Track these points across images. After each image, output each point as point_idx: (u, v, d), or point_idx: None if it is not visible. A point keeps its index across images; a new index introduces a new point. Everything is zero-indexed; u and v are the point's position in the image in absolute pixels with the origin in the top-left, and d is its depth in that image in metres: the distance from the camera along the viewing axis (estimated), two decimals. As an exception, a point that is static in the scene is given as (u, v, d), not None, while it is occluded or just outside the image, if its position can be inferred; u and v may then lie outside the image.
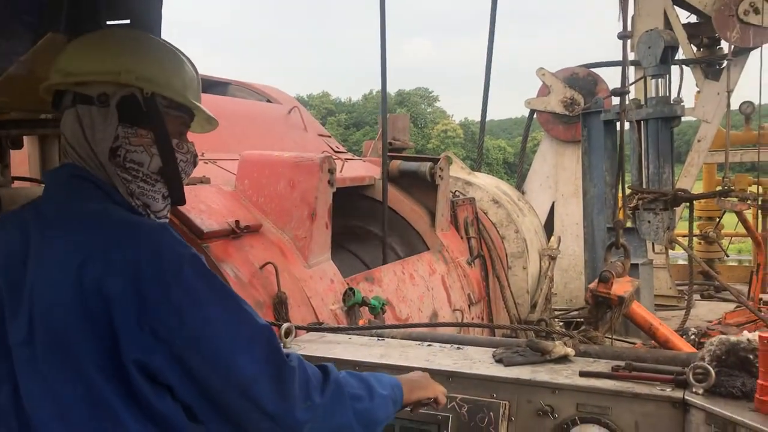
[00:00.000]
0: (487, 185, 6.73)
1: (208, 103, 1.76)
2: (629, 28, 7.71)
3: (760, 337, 2.00)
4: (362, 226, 4.98)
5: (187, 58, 1.68)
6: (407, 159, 5.22)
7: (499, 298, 5.80)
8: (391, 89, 64.95)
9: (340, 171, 4.46)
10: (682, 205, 6.53)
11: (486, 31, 9.05)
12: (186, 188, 1.67)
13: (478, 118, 10.27)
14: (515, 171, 11.12)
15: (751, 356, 2.10)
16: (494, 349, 2.49)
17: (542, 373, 2.27)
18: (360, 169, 4.98)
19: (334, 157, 4.59)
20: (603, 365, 2.34)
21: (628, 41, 4.98)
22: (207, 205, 3.07)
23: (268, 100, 5.56)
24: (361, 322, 3.23)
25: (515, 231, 6.46)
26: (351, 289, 3.43)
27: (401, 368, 2.29)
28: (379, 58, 4.19)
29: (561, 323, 6.96)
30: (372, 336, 2.74)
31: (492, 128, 60.91)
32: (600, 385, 2.19)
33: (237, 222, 3.05)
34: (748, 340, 2.14)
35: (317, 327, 2.70)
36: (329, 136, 5.74)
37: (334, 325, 2.96)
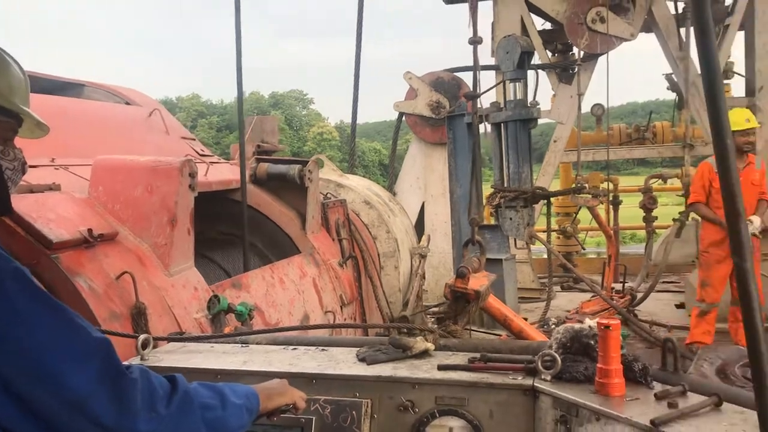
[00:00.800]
0: (358, 187, 6.80)
1: (57, 105, 1.67)
2: (490, 33, 8.07)
3: (598, 324, 2.15)
4: (232, 232, 4.89)
5: (14, 60, 1.58)
6: (276, 162, 5.18)
7: (372, 298, 5.88)
8: (265, 91, 64.13)
9: (205, 175, 4.36)
10: (541, 201, 6.90)
11: (370, 33, 9.16)
12: (32, 196, 1.59)
13: (352, 121, 10.36)
14: (389, 172, 11.30)
15: (593, 342, 2.26)
16: (358, 349, 2.52)
17: (403, 369, 2.32)
18: (227, 172, 4.89)
19: (198, 160, 4.49)
20: (461, 358, 2.43)
21: (480, 48, 5.19)
22: (57, 213, 2.90)
23: (127, 103, 5.34)
24: (227, 330, 3.17)
25: (387, 231, 6.57)
26: (216, 296, 3.36)
27: (264, 374, 2.27)
28: (235, 59, 4.13)
29: (433, 318, 7.15)
30: (236, 343, 2.70)
31: (367, 130, 61.68)
32: (457, 378, 2.27)
33: (90, 230, 2.91)
34: (589, 327, 2.30)
35: (177, 337, 2.63)
36: (193, 139, 5.59)
37: (196, 334, 2.88)
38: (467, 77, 8.94)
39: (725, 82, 9.17)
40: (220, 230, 5.01)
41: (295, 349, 2.62)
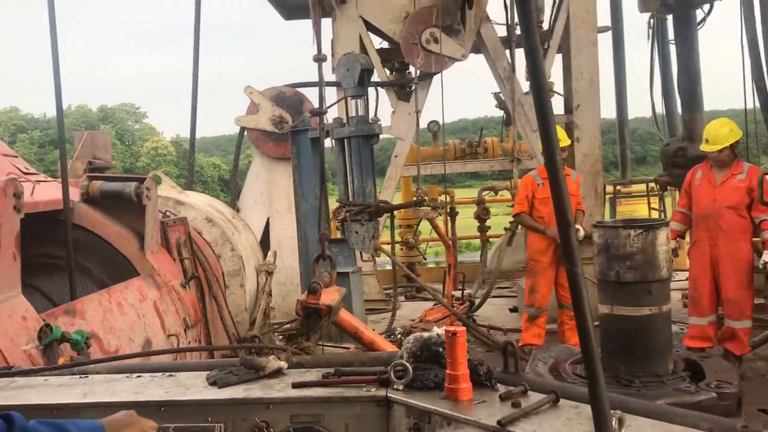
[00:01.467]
0: (199, 204, 6.60)
1: None
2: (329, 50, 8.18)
3: (446, 331, 2.24)
4: (61, 255, 4.55)
5: None
6: (110, 179, 4.90)
7: (218, 319, 5.72)
8: (94, 104, 60.47)
9: (31, 194, 4.04)
10: (385, 215, 7.06)
11: (208, 45, 8.92)
12: None
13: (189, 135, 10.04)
14: (230, 188, 11.07)
15: (441, 349, 2.34)
16: (208, 372, 2.45)
17: (256, 390, 2.28)
18: (55, 191, 4.55)
19: (23, 179, 4.15)
20: (315, 374, 2.43)
21: (326, 63, 5.25)
22: None
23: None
24: (62, 361, 2.94)
25: (231, 249, 6.42)
26: (48, 325, 3.11)
27: (107, 405, 2.14)
28: (52, 69, 3.90)
29: (281, 337, 7.08)
30: (74, 374, 2.52)
31: (206, 145, 59.96)
32: (312, 394, 2.27)
33: None
34: (437, 335, 2.39)
35: (5, 372, 2.41)
36: (16, 156, 5.16)
37: (26, 367, 2.66)
38: (309, 92, 9.00)
39: (547, 100, 9.89)
40: (48, 254, 4.65)
41: (139, 376, 2.49)
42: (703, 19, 7.80)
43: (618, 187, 10.84)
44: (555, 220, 5.49)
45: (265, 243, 8.68)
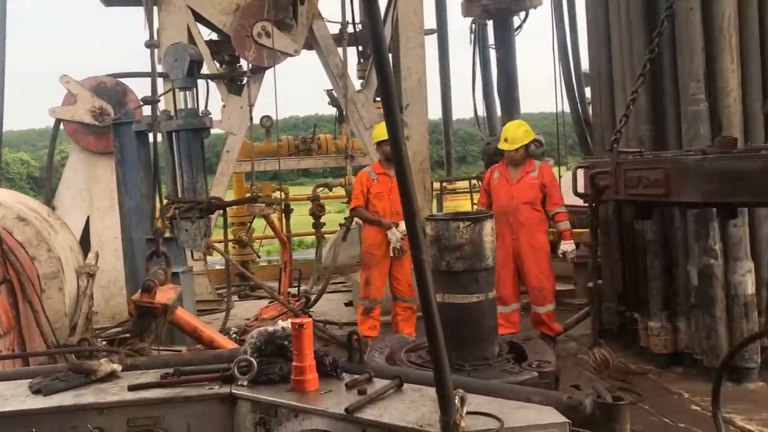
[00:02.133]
0: (9, 201, 6.01)
1: None
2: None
3: (292, 324, 2.23)
4: None
5: None
6: None
7: (34, 325, 5.25)
8: None
9: None
10: (217, 212, 6.87)
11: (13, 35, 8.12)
12: None
13: (-7, 129, 9.13)
14: (42, 186, 10.23)
15: (286, 342, 2.33)
16: (30, 380, 2.25)
17: (87, 395, 2.14)
18: None
19: None
20: (152, 375, 2.31)
21: (156, 51, 5.02)
22: None
23: None
24: None
25: (47, 250, 5.92)
26: None
27: None
28: None
29: (104, 341, 6.65)
30: None
31: (12, 140, 54.81)
32: (150, 396, 2.16)
33: None
34: (282, 328, 2.37)
35: None
36: None
37: None
38: (132, 84, 8.52)
39: (377, 99, 10.16)
40: None
41: (-54, 390, 2.23)
42: (520, 26, 8.38)
43: (444, 184, 11.36)
44: (389, 214, 5.65)
45: (86, 243, 8.11)
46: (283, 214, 10.01)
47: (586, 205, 5.52)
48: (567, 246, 6.28)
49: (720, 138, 2.61)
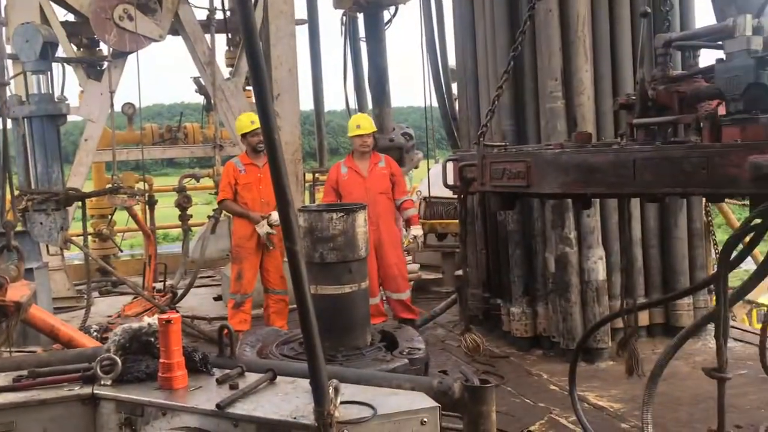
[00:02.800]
0: None
1: None
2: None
3: (159, 320, 2.15)
4: None
5: None
6: None
7: None
8: None
9: None
10: (75, 204, 6.49)
11: None
12: None
13: None
14: None
15: (153, 339, 2.24)
16: None
17: (-72, 404, 1.96)
18: None
19: None
20: (3, 379, 2.16)
21: (3, 30, 4.65)
22: None
23: None
24: None
25: None
26: None
27: None
28: None
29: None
30: None
31: None
32: (1, 401, 2.02)
33: None
34: (149, 324, 2.28)
35: None
36: None
37: None
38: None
39: (247, 88, 9.95)
40: None
41: None
42: (390, 20, 8.49)
43: (316, 175, 11.34)
44: (258, 206, 5.58)
45: None
46: (147, 206, 9.58)
47: (455, 196, 5.71)
48: (416, 231, 6.61)
49: (576, 133, 2.78)
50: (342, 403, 1.87)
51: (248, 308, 6.42)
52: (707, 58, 2.81)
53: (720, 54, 2.46)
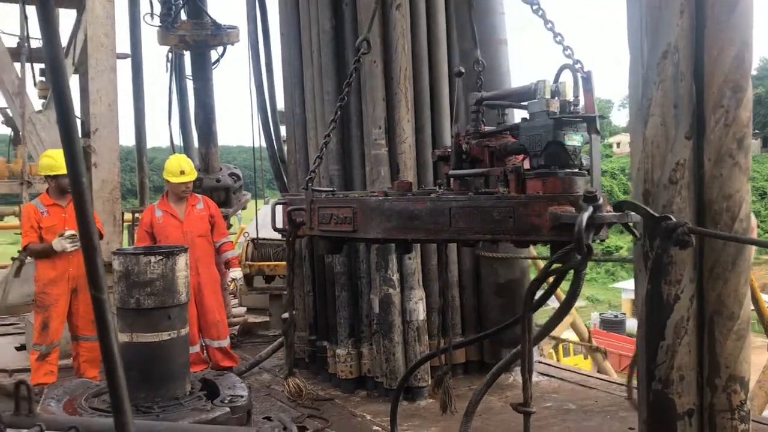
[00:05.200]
0: None
1: None
2: None
3: (-59, 377, 1.92)
4: None
5: None
6: None
7: None
8: None
9: None
10: None
11: None
12: None
13: None
14: None
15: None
16: None
17: None
18: None
19: None
20: None
21: None
22: None
23: None
24: None
25: None
26: None
27: None
28: None
29: None
30: None
31: None
32: None
33: None
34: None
35: None
36: None
37: None
38: None
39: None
40: None
41: None
42: (218, 60, 8.40)
43: (137, 215, 10.80)
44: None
45: None
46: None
47: (283, 238, 5.68)
48: (235, 273, 6.61)
49: (397, 182, 2.90)
50: (153, 460, 1.77)
51: (55, 359, 5.93)
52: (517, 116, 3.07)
53: (525, 113, 2.70)
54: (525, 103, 2.74)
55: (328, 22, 5.93)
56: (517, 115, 3.21)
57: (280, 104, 7.71)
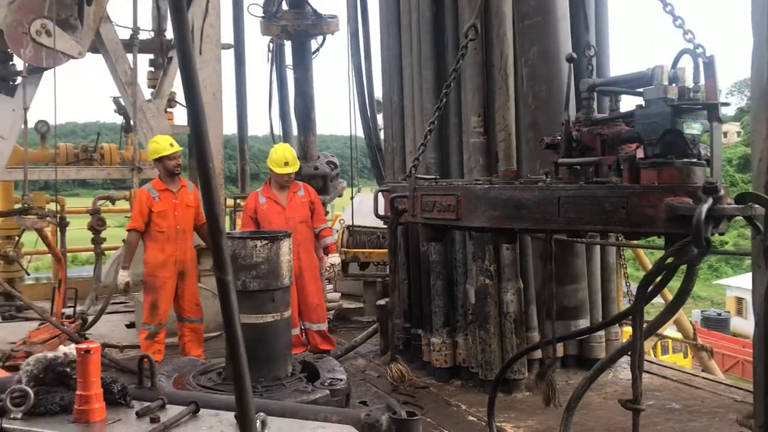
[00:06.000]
0: None
1: None
2: None
3: (77, 349, 2.05)
4: None
5: None
6: None
7: None
8: None
9: None
10: (-21, 224, 6.16)
11: None
12: None
13: None
14: None
15: (69, 369, 2.14)
16: None
17: None
18: None
19: None
20: None
21: None
22: None
23: None
24: None
25: None
26: None
27: None
28: None
29: None
30: None
31: None
32: None
33: None
34: (64, 354, 2.17)
35: None
36: None
37: None
38: None
39: (168, 110, 9.75)
40: None
41: None
42: (317, 49, 8.53)
43: (238, 201, 11.16)
44: (174, 233, 5.45)
45: None
46: (58, 228, 9.20)
47: (378, 225, 5.77)
48: (333, 259, 6.63)
49: (503, 170, 2.87)
50: (269, 436, 1.84)
51: (162, 338, 6.21)
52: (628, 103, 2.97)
53: (640, 100, 2.60)
54: (640, 90, 2.64)
55: (428, 9, 5.90)
56: (628, 103, 3.10)
57: (378, 93, 7.77)
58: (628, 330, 7.04)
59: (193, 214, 6.29)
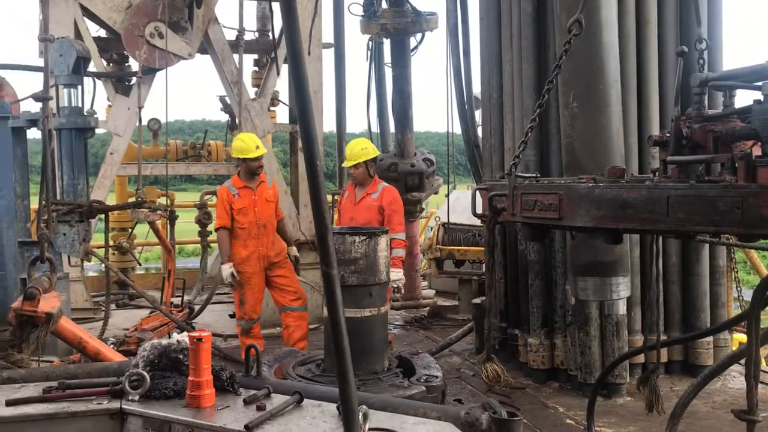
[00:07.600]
0: None
1: None
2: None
3: (190, 337, 2.16)
4: None
5: None
6: None
7: None
8: None
9: None
10: (97, 216, 6.54)
11: None
12: None
13: None
14: None
15: (182, 356, 2.25)
16: None
17: (-40, 412, 1.98)
18: None
19: None
20: (33, 389, 2.17)
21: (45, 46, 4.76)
22: None
23: None
24: None
25: None
26: None
27: None
28: None
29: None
30: None
31: None
32: (31, 411, 2.03)
33: None
34: (178, 341, 2.29)
35: None
36: None
37: None
38: (8, 76, 7.97)
39: (271, 108, 10.05)
40: None
41: None
42: (416, 47, 8.56)
43: (335, 197, 11.37)
44: (255, 228, 5.56)
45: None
46: (168, 221, 9.65)
47: (473, 223, 5.70)
48: (396, 274, 5.82)
49: (609, 168, 2.78)
50: (370, 430, 1.87)
51: (257, 332, 6.31)
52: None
53: (757, 95, 2.46)
54: (758, 84, 2.50)
55: (529, 5, 5.80)
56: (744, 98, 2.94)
57: (476, 89, 7.71)
58: (738, 337, 6.71)
59: (273, 209, 6.32)
